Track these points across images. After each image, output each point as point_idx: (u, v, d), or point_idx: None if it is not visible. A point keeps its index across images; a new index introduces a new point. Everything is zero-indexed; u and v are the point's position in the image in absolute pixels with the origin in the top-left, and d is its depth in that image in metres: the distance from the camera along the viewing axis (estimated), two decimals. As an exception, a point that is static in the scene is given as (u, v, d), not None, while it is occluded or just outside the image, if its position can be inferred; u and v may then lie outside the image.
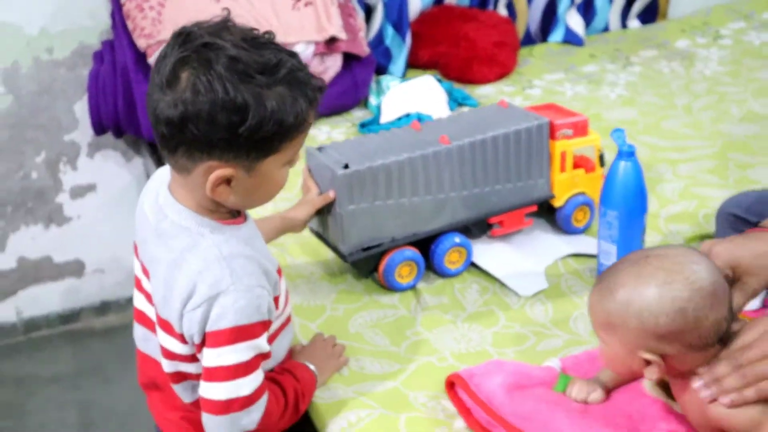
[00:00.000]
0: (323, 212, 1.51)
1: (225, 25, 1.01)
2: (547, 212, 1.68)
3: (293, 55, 1.02)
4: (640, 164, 1.46)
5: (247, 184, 1.05)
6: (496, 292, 1.53)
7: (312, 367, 1.26)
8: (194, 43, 0.99)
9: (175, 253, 1.07)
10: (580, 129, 1.64)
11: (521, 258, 1.60)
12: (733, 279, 1.16)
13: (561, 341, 1.39)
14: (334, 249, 1.53)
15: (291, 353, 1.31)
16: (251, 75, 0.98)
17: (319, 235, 1.57)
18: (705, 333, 1.07)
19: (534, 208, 1.64)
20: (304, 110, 1.02)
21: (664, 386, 1.20)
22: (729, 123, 2.12)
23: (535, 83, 2.39)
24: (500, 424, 1.15)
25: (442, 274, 1.56)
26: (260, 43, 1.00)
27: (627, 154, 1.45)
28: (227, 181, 1.04)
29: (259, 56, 0.98)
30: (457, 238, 1.55)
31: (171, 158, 1.05)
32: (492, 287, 1.54)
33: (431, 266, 1.57)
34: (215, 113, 0.98)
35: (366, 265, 1.53)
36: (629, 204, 1.46)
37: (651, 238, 1.63)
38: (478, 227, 1.62)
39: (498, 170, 1.58)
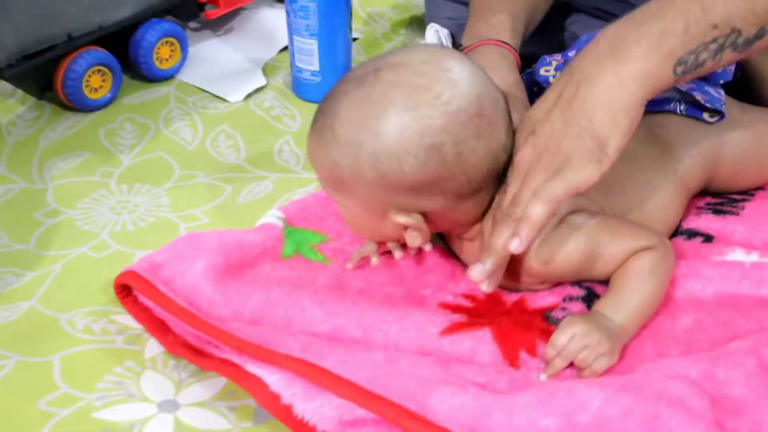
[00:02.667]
0: None
1: None
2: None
3: None
4: None
5: None
6: (160, 129, 1.05)
7: None
8: None
9: None
10: None
11: (239, 53, 1.19)
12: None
13: (270, 183, 0.97)
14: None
15: None
16: None
17: None
18: (475, 173, 0.70)
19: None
20: None
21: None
22: None
23: None
24: (216, 339, 0.71)
25: (152, 77, 1.13)
26: None
27: None
28: None
29: None
30: (165, 25, 1.12)
31: None
32: (154, 125, 1.06)
33: (135, 69, 1.13)
34: None
35: (35, 81, 1.06)
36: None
37: (354, 25, 1.21)
38: (185, 11, 1.18)
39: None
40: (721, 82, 0.88)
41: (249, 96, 1.11)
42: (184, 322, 0.73)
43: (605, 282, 0.76)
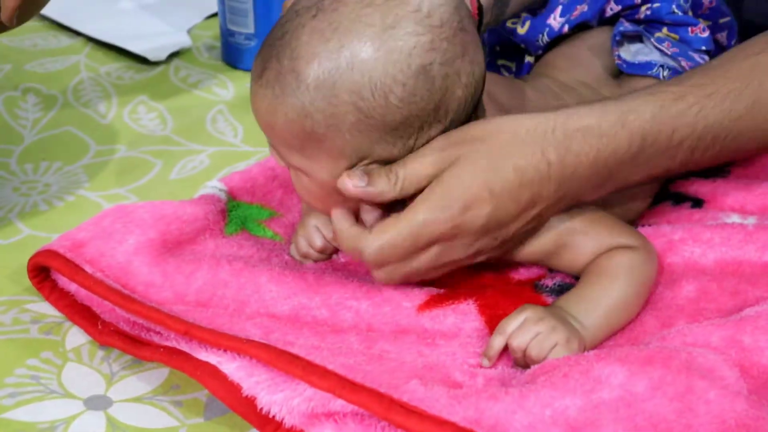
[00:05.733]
0: None
1: None
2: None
3: None
4: None
5: None
6: (69, 102, 0.93)
7: None
8: None
9: None
10: None
11: (159, 18, 1.08)
12: None
13: (206, 157, 0.85)
14: None
15: None
16: None
17: None
18: (456, 105, 0.60)
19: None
20: None
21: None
22: None
23: None
24: (160, 324, 0.60)
25: None
26: None
27: None
28: None
29: None
30: None
31: None
32: (62, 97, 0.93)
33: None
34: None
35: None
36: None
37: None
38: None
39: None
40: (703, 48, 0.80)
41: (171, 61, 0.99)
42: (118, 306, 0.61)
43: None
